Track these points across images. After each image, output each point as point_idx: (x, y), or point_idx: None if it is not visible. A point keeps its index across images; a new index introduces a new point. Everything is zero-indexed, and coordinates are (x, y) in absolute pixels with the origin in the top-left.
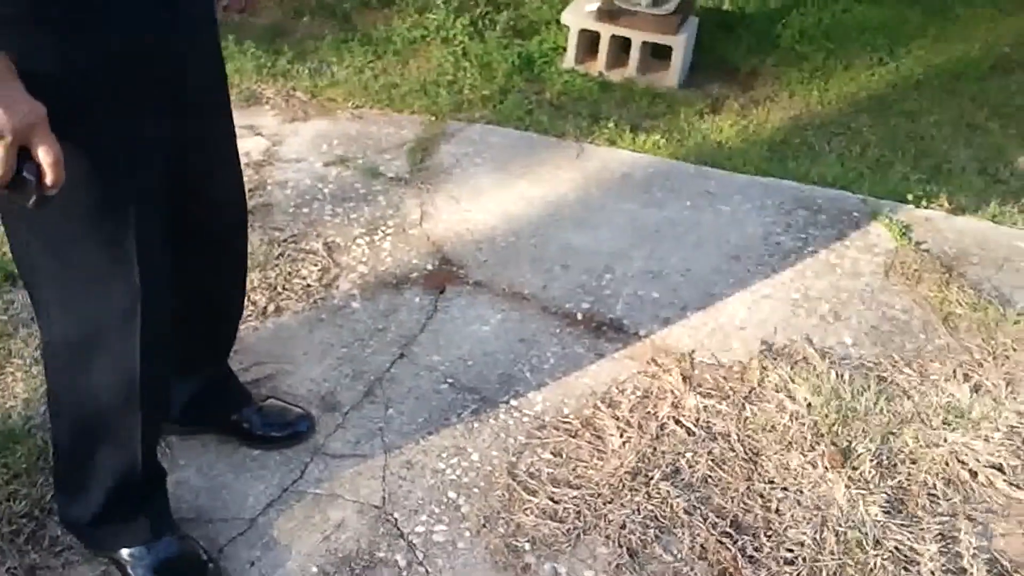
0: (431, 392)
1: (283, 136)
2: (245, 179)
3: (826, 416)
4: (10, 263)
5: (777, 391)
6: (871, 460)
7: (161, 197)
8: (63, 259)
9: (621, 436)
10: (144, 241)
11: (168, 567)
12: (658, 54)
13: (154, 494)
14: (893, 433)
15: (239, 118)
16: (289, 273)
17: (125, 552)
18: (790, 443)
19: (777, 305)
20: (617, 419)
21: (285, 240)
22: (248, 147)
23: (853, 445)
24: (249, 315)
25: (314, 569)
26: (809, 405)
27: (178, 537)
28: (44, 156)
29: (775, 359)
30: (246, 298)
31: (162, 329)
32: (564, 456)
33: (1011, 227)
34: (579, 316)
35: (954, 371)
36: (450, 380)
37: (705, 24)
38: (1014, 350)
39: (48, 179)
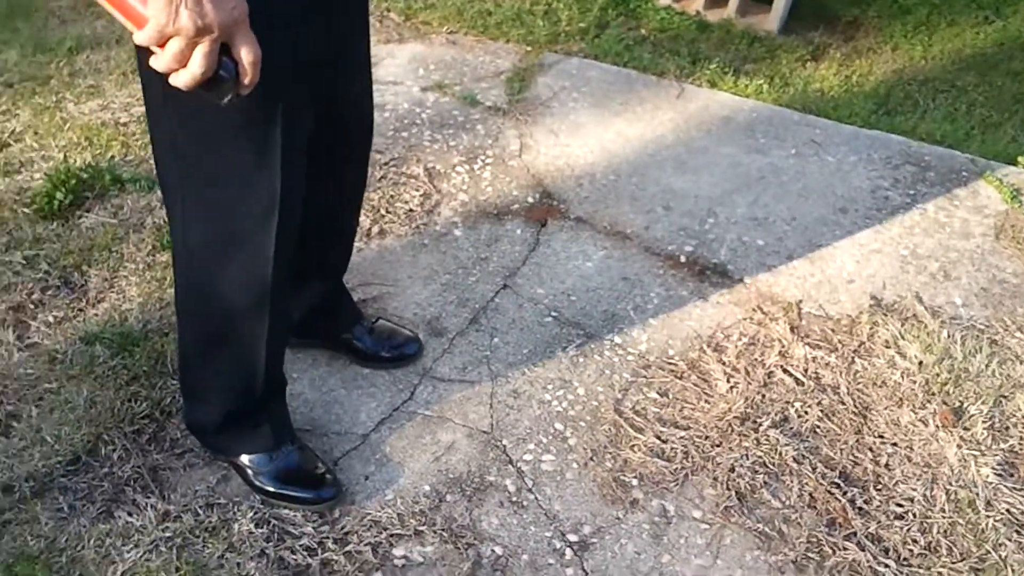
0: (535, 324)
1: (379, 58)
2: None
3: (937, 375)
4: (117, 166)
5: (887, 347)
6: (983, 422)
7: (306, 102)
8: (212, 155)
9: (728, 381)
10: (288, 144)
11: (288, 475)
12: None
13: (276, 403)
14: (1005, 396)
15: None
16: (392, 197)
17: (247, 458)
18: (901, 399)
19: (886, 260)
20: (724, 364)
21: (386, 163)
22: None
23: (965, 405)
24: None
25: (427, 487)
26: (920, 363)
27: (298, 447)
28: (245, 55)
29: (885, 315)
30: None
31: (294, 234)
32: (670, 396)
33: None
34: (682, 259)
35: None
36: (554, 313)
37: None
38: None
39: (246, 78)
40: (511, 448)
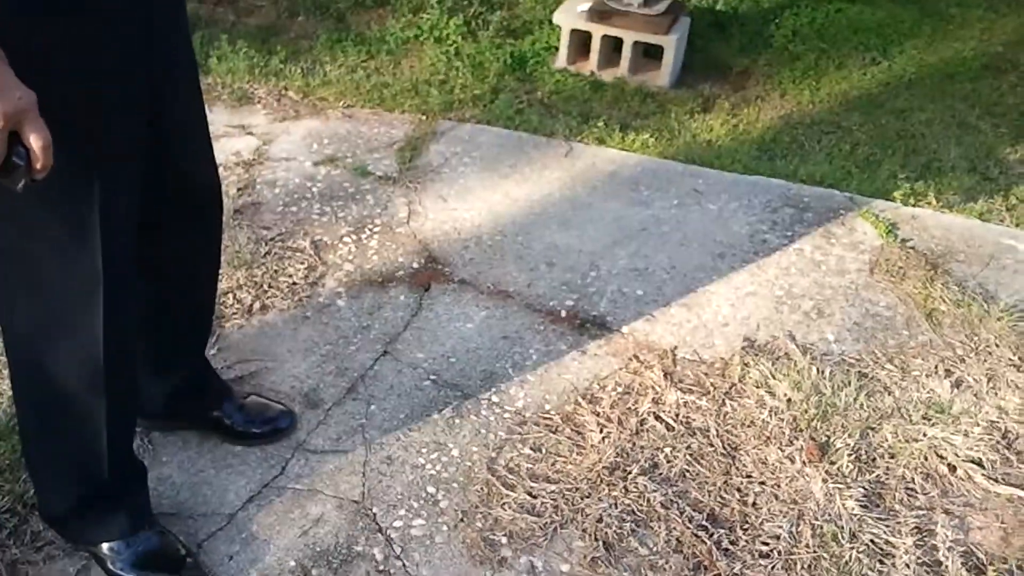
0: (413, 389)
1: (274, 135)
2: (235, 178)
3: (805, 411)
4: None
5: (757, 387)
6: (849, 455)
7: (128, 177)
8: (26, 238)
9: (601, 431)
10: (108, 220)
11: (147, 561)
12: (650, 54)
13: (132, 487)
14: (872, 428)
15: (231, 118)
16: (276, 271)
17: (105, 546)
18: (768, 438)
19: (761, 302)
20: (598, 415)
21: (272, 239)
22: (239, 147)
23: (832, 440)
24: (235, 313)
25: (292, 563)
26: (789, 400)
27: (157, 532)
28: (35, 141)
29: (756, 355)
30: (233, 296)
31: (128, 315)
32: (544, 451)
33: (998, 224)
34: (563, 313)
35: (936, 367)
36: (433, 377)
37: (697, 23)
38: (996, 346)
39: (38, 164)
40: (381, 516)
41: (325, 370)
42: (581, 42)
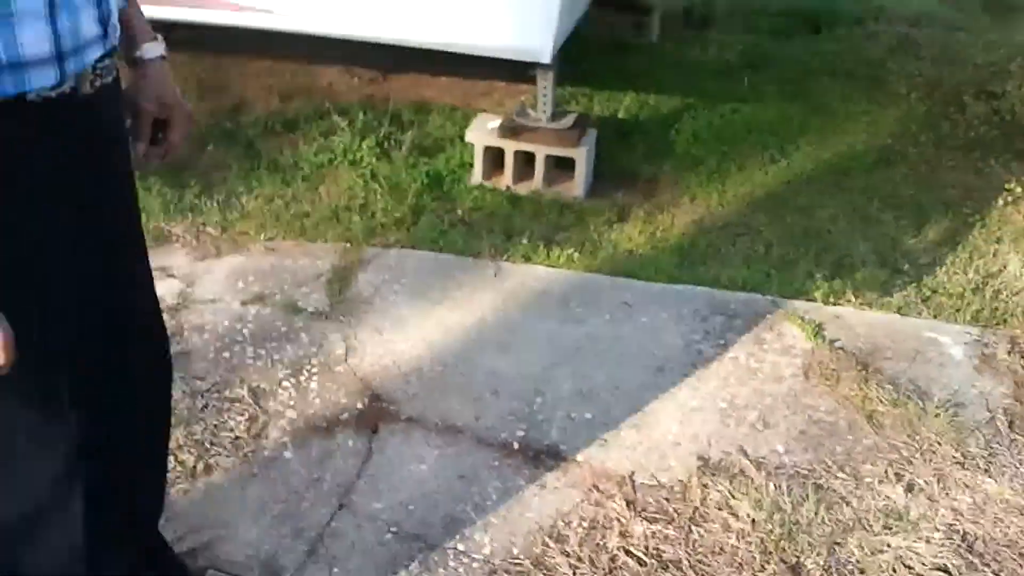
0: (375, 545)
1: (196, 275)
2: None
3: (771, 531)
4: None
5: (720, 509)
6: (820, 575)
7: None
8: None
9: (574, 574)
10: (79, 398)
11: None
12: (562, 165)
13: None
14: (838, 543)
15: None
16: (216, 426)
17: None
18: (740, 564)
19: (707, 416)
20: (568, 555)
21: (208, 390)
22: (161, 291)
23: (802, 560)
24: (178, 477)
25: None
26: (753, 521)
27: None
28: None
29: (713, 475)
30: (174, 457)
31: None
32: None
33: (917, 317)
34: (515, 445)
35: (886, 471)
36: (394, 529)
37: (603, 133)
38: (939, 444)
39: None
40: None
41: (281, 532)
42: (495, 157)
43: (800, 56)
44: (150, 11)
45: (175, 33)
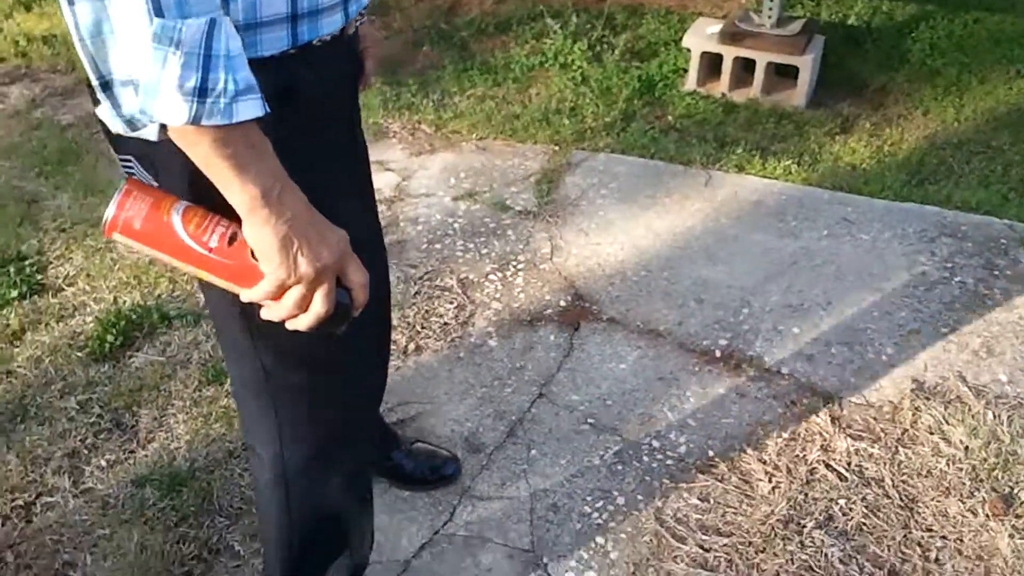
0: (572, 433)
1: (411, 171)
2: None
3: (984, 460)
4: (165, 303)
5: (931, 433)
6: None
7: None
8: (306, 371)
9: (770, 481)
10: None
11: None
12: (783, 72)
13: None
14: None
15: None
16: (427, 311)
17: None
18: (948, 489)
19: (926, 340)
20: (764, 463)
21: (420, 278)
22: (379, 183)
23: (1016, 491)
24: (391, 354)
25: None
26: (966, 448)
27: None
28: (356, 279)
29: (927, 399)
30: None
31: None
32: (712, 501)
33: None
34: (717, 353)
35: None
36: (591, 420)
37: (830, 39)
38: None
39: (358, 301)
40: (552, 566)
41: (483, 413)
42: (711, 64)
43: None
44: None
45: None
